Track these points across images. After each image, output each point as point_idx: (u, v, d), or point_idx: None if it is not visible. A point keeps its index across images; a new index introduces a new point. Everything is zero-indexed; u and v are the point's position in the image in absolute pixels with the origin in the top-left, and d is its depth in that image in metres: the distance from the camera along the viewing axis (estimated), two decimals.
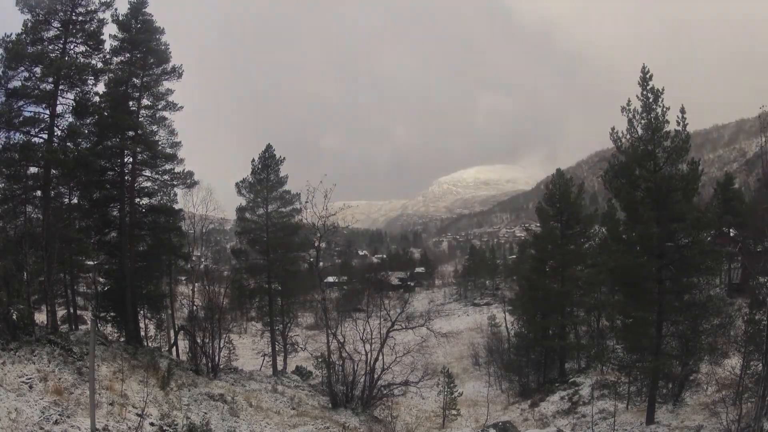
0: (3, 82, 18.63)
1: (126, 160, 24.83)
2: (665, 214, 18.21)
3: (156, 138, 25.61)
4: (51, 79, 19.21)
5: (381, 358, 24.53)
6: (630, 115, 18.28)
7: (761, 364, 15.56)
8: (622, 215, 20.55)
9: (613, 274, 20.89)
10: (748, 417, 14.23)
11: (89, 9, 20.50)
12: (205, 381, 22.07)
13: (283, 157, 33.03)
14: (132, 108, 24.78)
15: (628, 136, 18.62)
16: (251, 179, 32.87)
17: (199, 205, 28.86)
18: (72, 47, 20.14)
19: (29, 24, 19.28)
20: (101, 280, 27.72)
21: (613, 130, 18.68)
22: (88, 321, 25.24)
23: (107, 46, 22.94)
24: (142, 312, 27.21)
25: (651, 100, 17.96)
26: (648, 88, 17.97)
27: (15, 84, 18.87)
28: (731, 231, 35.94)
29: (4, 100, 18.64)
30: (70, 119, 20.32)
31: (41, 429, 11.04)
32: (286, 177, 32.99)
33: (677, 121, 17.82)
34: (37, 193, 20.29)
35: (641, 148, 18.29)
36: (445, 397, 27.90)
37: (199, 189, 27.92)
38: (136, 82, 24.60)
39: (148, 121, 25.55)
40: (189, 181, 26.34)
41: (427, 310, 27.96)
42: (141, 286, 26.03)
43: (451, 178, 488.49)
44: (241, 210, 33.32)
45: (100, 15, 20.80)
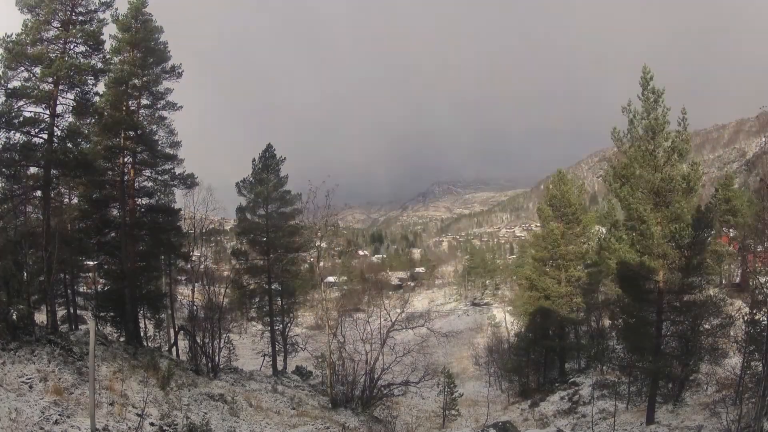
0: (3, 82, 18.59)
1: (126, 160, 24.82)
2: (665, 214, 18.23)
3: (156, 138, 25.61)
4: (51, 79, 19.17)
5: (381, 358, 24.53)
6: (631, 116, 18.32)
7: (761, 364, 15.58)
8: (622, 215, 20.55)
9: (614, 274, 20.91)
10: (748, 417, 14.24)
11: (89, 9, 20.47)
12: (205, 381, 22.06)
13: (284, 157, 33.03)
14: (132, 108, 24.79)
15: (629, 137, 18.66)
16: (252, 179, 32.86)
17: (200, 205, 28.86)
18: (72, 47, 20.11)
19: (29, 24, 19.24)
20: (101, 280, 27.71)
21: (615, 130, 18.72)
22: (88, 321, 25.20)
23: (107, 46, 22.98)
24: (141, 312, 27.20)
25: (652, 101, 17.98)
26: (649, 88, 17.99)
27: (15, 84, 18.85)
28: (731, 231, 35.95)
29: (4, 100, 18.61)
30: (70, 119, 20.29)
31: (41, 429, 11.04)
32: (287, 177, 32.97)
33: (678, 122, 17.84)
34: (37, 193, 20.26)
35: (642, 148, 18.31)
36: (445, 397, 27.90)
37: (199, 189, 27.94)
38: (135, 81, 24.60)
39: (147, 121, 25.55)
40: (189, 182, 26.35)
41: (427, 310, 28.00)
42: (141, 286, 26.00)
43: (451, 178, 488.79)
44: (241, 210, 33.29)
45: (100, 15, 20.79)
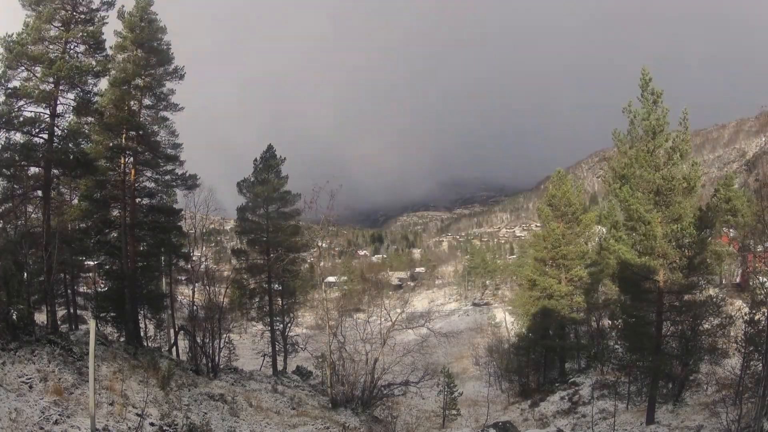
0: (3, 82, 18.59)
1: (127, 160, 24.82)
2: (665, 214, 18.24)
3: (157, 138, 25.61)
4: (51, 79, 19.18)
5: (381, 358, 24.53)
6: (631, 116, 18.37)
7: (761, 364, 15.59)
8: (622, 215, 20.57)
9: (614, 274, 20.92)
10: (748, 417, 14.25)
11: (91, 8, 20.48)
12: (205, 381, 22.07)
13: (284, 157, 33.07)
14: (134, 108, 24.78)
15: (629, 137, 18.71)
16: (252, 179, 32.88)
17: (201, 205, 28.86)
18: (72, 47, 20.11)
19: (30, 23, 19.24)
20: (101, 280, 27.73)
21: (615, 131, 18.78)
22: (88, 321, 25.20)
23: (109, 44, 22.99)
24: (142, 312, 27.20)
25: (651, 102, 18.02)
26: (648, 89, 18.02)
27: (15, 84, 18.85)
28: (731, 231, 35.95)
29: (4, 99, 18.61)
30: (71, 119, 20.30)
31: (41, 429, 11.05)
32: (287, 177, 33.00)
33: (679, 122, 17.87)
34: (37, 193, 20.26)
35: (642, 148, 18.34)
36: (445, 397, 27.91)
37: (200, 189, 27.94)
38: (138, 82, 24.60)
39: (149, 122, 25.55)
40: (190, 183, 26.36)
41: (427, 310, 27.97)
42: (141, 286, 26.02)
43: (451, 178, 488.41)
44: (241, 210, 33.30)
45: (102, 14, 20.79)
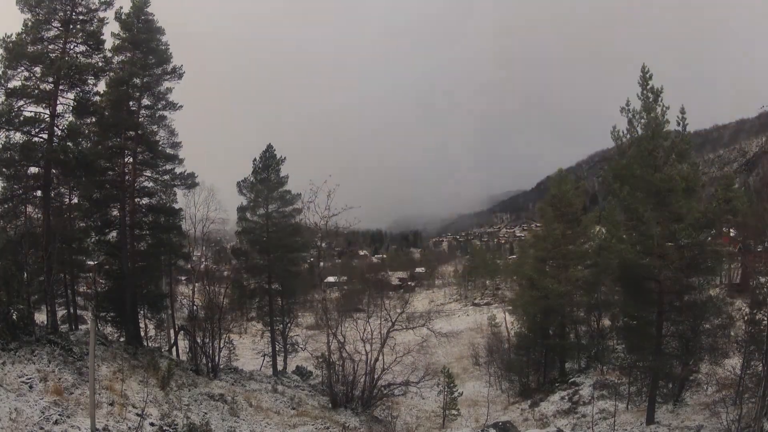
0: (3, 82, 18.60)
1: (126, 160, 24.83)
2: (665, 215, 18.22)
3: (156, 138, 25.62)
4: (51, 79, 19.20)
5: (381, 358, 24.53)
6: (630, 115, 18.32)
7: (761, 364, 15.58)
8: (622, 215, 20.56)
9: (614, 274, 20.91)
10: (748, 417, 14.25)
11: (90, 8, 20.50)
12: (205, 381, 22.08)
13: (284, 157, 33.08)
14: (132, 108, 24.79)
15: (628, 136, 18.65)
16: (252, 179, 32.90)
17: (201, 205, 28.83)
18: (72, 47, 20.13)
19: (29, 23, 19.26)
20: (101, 280, 27.71)
21: (614, 129, 18.72)
22: (88, 321, 25.21)
23: (108, 45, 23.02)
24: (142, 312, 27.19)
25: (651, 100, 17.98)
26: (648, 87, 17.99)
27: (15, 84, 18.87)
28: (731, 231, 35.92)
29: (4, 99, 18.63)
30: (71, 119, 20.31)
31: (41, 429, 11.06)
32: (287, 177, 33.03)
33: (677, 121, 17.85)
34: (37, 193, 20.27)
35: (641, 148, 18.30)
36: (445, 397, 27.87)
37: (201, 189, 27.93)
38: (136, 81, 24.61)
39: (148, 121, 25.56)
40: (190, 182, 26.35)
41: (427, 310, 28.01)
42: (141, 286, 26.01)
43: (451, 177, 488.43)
44: (241, 210, 33.32)
45: (101, 14, 20.82)
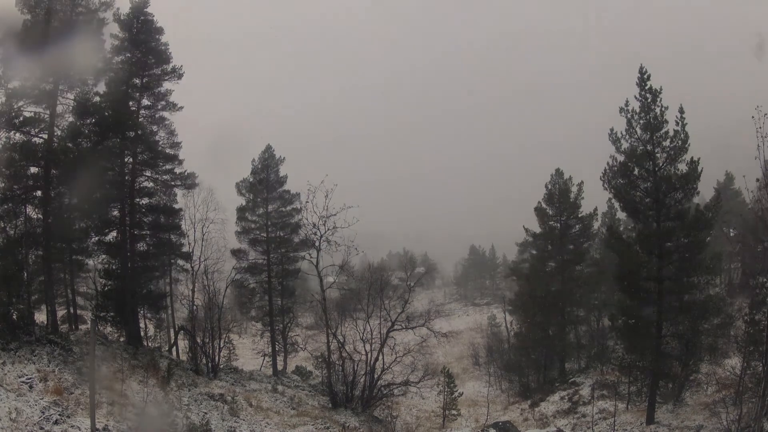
0: (3, 82, 18.60)
1: (126, 160, 24.81)
2: (665, 214, 18.22)
3: (156, 138, 25.62)
4: (51, 79, 19.20)
5: (381, 358, 24.55)
6: (628, 116, 18.32)
7: (761, 364, 15.56)
8: (622, 215, 20.58)
9: (614, 274, 20.90)
10: (748, 417, 14.24)
11: (89, 9, 20.50)
12: (205, 381, 22.09)
13: (283, 157, 33.06)
14: (132, 108, 24.78)
15: (627, 137, 18.65)
16: (251, 179, 32.90)
17: (200, 205, 28.82)
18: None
19: (29, 24, 19.25)
20: (101, 280, 27.70)
21: (612, 130, 18.72)
22: (88, 321, 25.20)
23: (107, 46, 23.02)
24: (142, 312, 27.18)
25: (649, 100, 17.99)
26: (646, 88, 18.00)
27: (15, 84, 18.86)
28: (731, 231, 35.90)
29: (4, 100, 18.63)
30: (70, 119, 20.31)
31: (41, 429, 11.06)
32: (286, 177, 33.02)
33: (676, 121, 17.85)
34: (37, 193, 20.27)
35: (640, 148, 18.30)
36: (445, 397, 27.88)
37: (200, 189, 27.91)
38: (136, 82, 24.61)
39: (148, 121, 25.55)
40: (189, 182, 26.35)
41: (427, 310, 27.92)
42: (141, 286, 26.00)
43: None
44: (241, 210, 33.30)
45: (100, 15, 20.82)
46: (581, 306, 32.56)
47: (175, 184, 26.25)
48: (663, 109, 17.92)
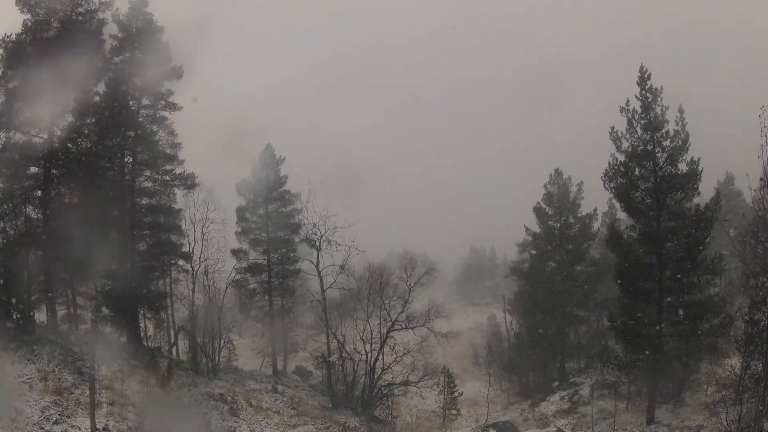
0: (3, 82, 18.59)
1: (126, 160, 24.80)
2: (665, 214, 18.21)
3: (156, 138, 25.59)
4: (51, 79, 19.15)
5: (381, 358, 24.55)
6: (629, 115, 18.32)
7: (761, 364, 15.55)
8: (622, 215, 20.58)
9: (614, 274, 20.89)
10: (748, 417, 14.23)
11: (89, 9, 20.49)
12: (205, 381, 22.09)
13: (283, 157, 33.03)
14: (132, 108, 24.76)
15: (627, 136, 18.65)
16: (251, 179, 32.87)
17: (200, 205, 28.81)
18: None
19: (29, 24, 19.24)
20: (101, 280, 27.70)
21: (613, 129, 18.71)
22: (88, 321, 25.20)
23: (107, 46, 22.98)
24: (142, 312, 27.19)
25: (650, 100, 17.98)
26: (647, 87, 17.99)
27: (15, 84, 18.84)
28: (731, 231, 35.85)
29: (4, 100, 18.61)
30: (70, 119, 20.29)
31: (41, 429, 11.07)
32: (286, 177, 32.98)
33: (676, 121, 17.85)
34: (37, 193, 20.26)
35: (641, 147, 18.30)
36: (445, 397, 27.88)
37: (200, 190, 27.89)
38: (136, 82, 24.58)
39: (148, 121, 25.53)
40: (189, 182, 26.33)
41: (427, 310, 27.92)
42: (141, 286, 25.99)
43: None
44: (241, 210, 33.26)
45: (100, 15, 20.80)
46: (581, 306, 32.53)
47: (175, 184, 26.24)
48: (664, 108, 17.92)
